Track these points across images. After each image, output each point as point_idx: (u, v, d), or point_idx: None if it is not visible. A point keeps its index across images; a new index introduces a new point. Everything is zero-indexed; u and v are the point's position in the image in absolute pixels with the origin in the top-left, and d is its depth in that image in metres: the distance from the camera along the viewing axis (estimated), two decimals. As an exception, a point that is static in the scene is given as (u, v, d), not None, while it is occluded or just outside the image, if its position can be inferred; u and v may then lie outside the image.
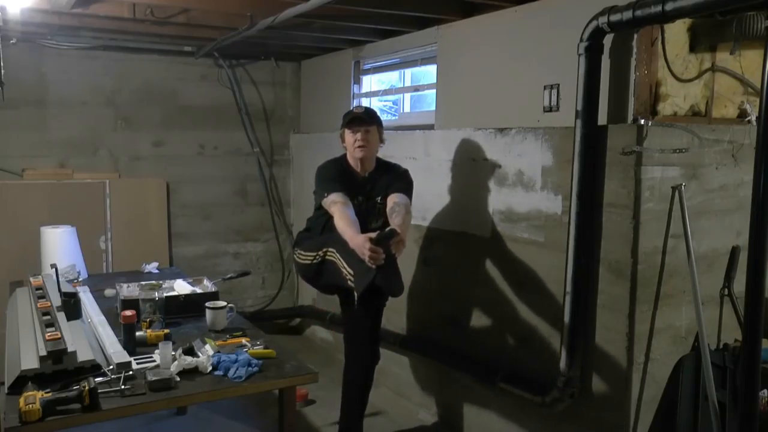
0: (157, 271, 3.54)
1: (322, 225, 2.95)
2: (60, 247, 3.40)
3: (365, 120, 2.91)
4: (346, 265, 2.67)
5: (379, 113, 3.09)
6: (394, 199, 2.84)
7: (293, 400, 2.26)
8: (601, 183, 2.51)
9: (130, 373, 2.05)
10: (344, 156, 3.02)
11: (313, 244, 2.94)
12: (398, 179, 2.96)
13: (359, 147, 2.89)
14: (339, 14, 3.19)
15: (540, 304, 2.80)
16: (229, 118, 4.66)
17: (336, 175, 2.91)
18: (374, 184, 2.96)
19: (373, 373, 2.99)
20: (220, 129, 4.64)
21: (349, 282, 2.65)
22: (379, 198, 2.94)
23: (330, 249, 2.79)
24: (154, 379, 1.99)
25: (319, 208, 2.95)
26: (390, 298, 2.92)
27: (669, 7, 2.12)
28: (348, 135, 2.93)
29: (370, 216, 2.92)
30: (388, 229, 2.58)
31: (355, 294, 2.63)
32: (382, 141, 3.01)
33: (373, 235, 2.51)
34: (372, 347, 2.96)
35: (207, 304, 2.61)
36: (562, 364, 2.58)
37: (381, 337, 3.21)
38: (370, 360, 2.96)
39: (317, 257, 2.87)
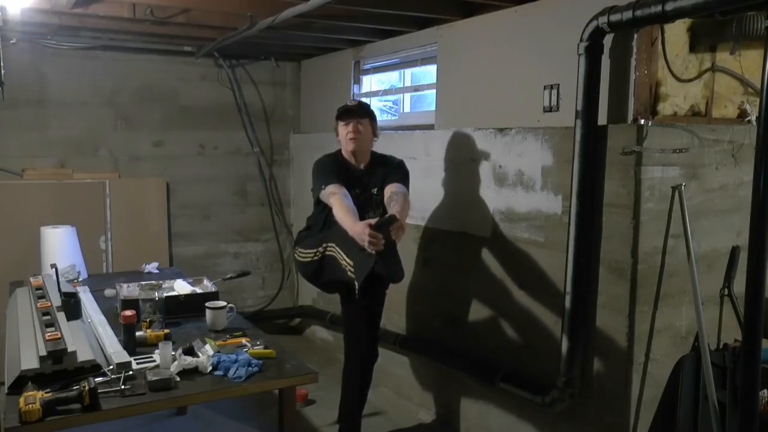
0: (157, 271, 3.54)
1: (321, 221, 2.96)
2: (60, 247, 3.40)
3: (357, 112, 2.92)
4: (345, 257, 2.68)
5: (376, 111, 3.10)
6: (392, 189, 2.85)
7: (293, 400, 2.27)
8: (601, 183, 2.51)
9: (130, 373, 2.05)
10: (339, 151, 3.03)
11: (312, 241, 2.95)
12: (394, 170, 2.97)
13: (351, 139, 2.90)
14: (339, 14, 3.19)
15: (540, 304, 2.80)
16: (229, 118, 4.66)
17: (332, 168, 2.92)
18: (371, 177, 2.97)
19: (371, 371, 2.99)
20: (220, 129, 4.64)
21: (349, 273, 2.65)
22: (376, 190, 2.95)
23: (329, 244, 2.80)
24: (154, 379, 1.99)
25: (318, 204, 2.96)
26: (389, 297, 2.92)
27: (669, 7, 2.12)
28: (341, 127, 2.95)
29: (367, 208, 2.93)
30: (387, 215, 2.58)
31: (356, 284, 2.63)
32: (375, 135, 3.02)
33: (372, 221, 2.52)
34: (371, 345, 2.96)
35: (207, 304, 2.61)
36: (562, 364, 2.58)
37: (381, 337, 3.21)
38: (369, 358, 2.97)
39: (317, 253, 2.88)
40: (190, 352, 2.21)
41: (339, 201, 2.71)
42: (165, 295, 2.77)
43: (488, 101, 3.16)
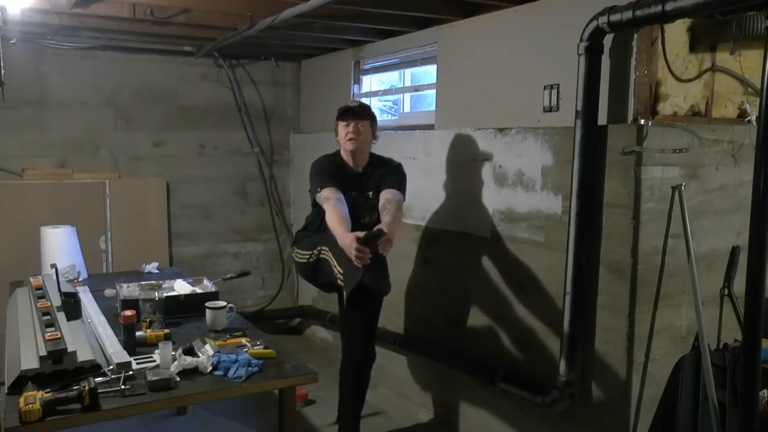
0: (157, 271, 3.54)
1: (318, 222, 2.95)
2: (60, 247, 3.40)
3: (358, 113, 2.92)
4: (337, 264, 2.68)
5: (376, 111, 3.09)
6: (386, 196, 2.84)
7: (293, 400, 2.27)
8: (601, 183, 2.51)
9: (130, 373, 2.05)
10: (338, 151, 3.03)
11: (309, 242, 2.95)
12: (391, 173, 2.96)
13: (350, 139, 2.90)
14: (339, 14, 3.19)
15: (540, 304, 2.80)
16: (229, 118, 4.66)
17: (330, 169, 2.92)
18: (368, 179, 2.97)
19: (368, 371, 3.00)
20: (220, 129, 4.64)
21: (339, 281, 2.66)
22: (371, 192, 2.94)
23: (324, 247, 2.81)
24: (154, 379, 1.99)
25: (315, 205, 2.96)
26: (389, 297, 2.92)
27: (669, 7, 2.12)
28: (341, 127, 2.94)
29: (363, 211, 2.93)
30: (375, 228, 2.59)
31: (344, 293, 2.64)
32: (375, 137, 3.01)
33: (361, 234, 2.52)
34: (367, 346, 2.96)
35: (207, 304, 2.61)
36: (562, 364, 2.58)
37: (380, 337, 3.20)
38: (366, 359, 2.97)
39: (312, 256, 2.88)
40: (190, 352, 2.21)
41: (332, 208, 2.71)
42: (165, 295, 2.76)
43: (488, 101, 3.15)
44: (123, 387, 1.95)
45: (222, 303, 2.64)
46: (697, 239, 2.49)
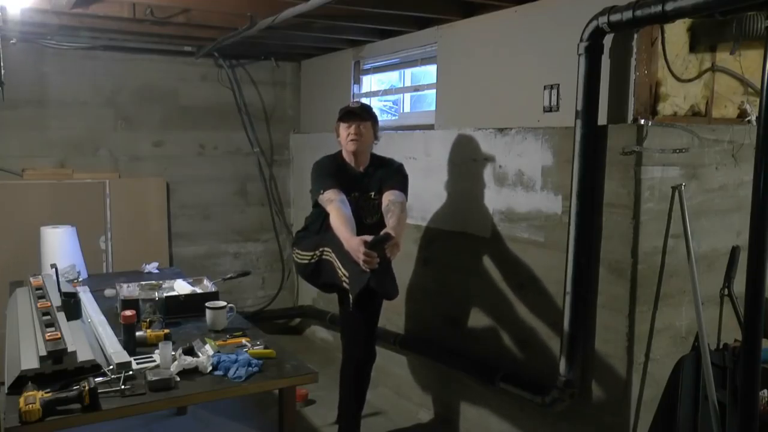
0: (157, 271, 3.54)
1: (319, 223, 2.95)
2: (60, 247, 3.40)
3: (359, 115, 2.92)
4: (341, 266, 2.67)
5: (377, 111, 3.09)
6: (389, 197, 2.84)
7: (293, 400, 2.27)
8: (601, 183, 2.51)
9: (130, 373, 2.05)
10: (340, 152, 3.03)
11: (310, 243, 2.94)
12: (393, 174, 2.96)
13: (352, 140, 2.90)
14: (339, 14, 3.19)
15: (540, 304, 2.80)
16: (229, 118, 4.66)
17: (331, 170, 2.92)
18: (369, 179, 2.96)
19: (369, 371, 3.00)
20: (220, 129, 4.64)
21: (344, 283, 2.66)
22: (374, 193, 2.94)
23: (326, 248, 2.80)
24: (154, 379, 1.99)
25: (317, 206, 2.95)
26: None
27: (669, 7, 2.12)
28: (342, 128, 2.94)
29: (365, 212, 2.93)
30: (383, 232, 2.57)
31: (350, 296, 2.63)
32: (376, 138, 3.01)
33: (368, 238, 2.50)
34: (367, 346, 2.96)
35: (207, 304, 2.61)
36: (562, 364, 2.58)
37: (380, 337, 3.20)
38: (366, 359, 2.97)
39: (314, 256, 2.88)
40: (190, 352, 2.21)
41: (336, 210, 2.70)
42: (165, 295, 2.76)
43: (488, 101, 3.15)
44: (123, 387, 1.95)
45: (222, 303, 2.64)
46: (697, 239, 2.49)
